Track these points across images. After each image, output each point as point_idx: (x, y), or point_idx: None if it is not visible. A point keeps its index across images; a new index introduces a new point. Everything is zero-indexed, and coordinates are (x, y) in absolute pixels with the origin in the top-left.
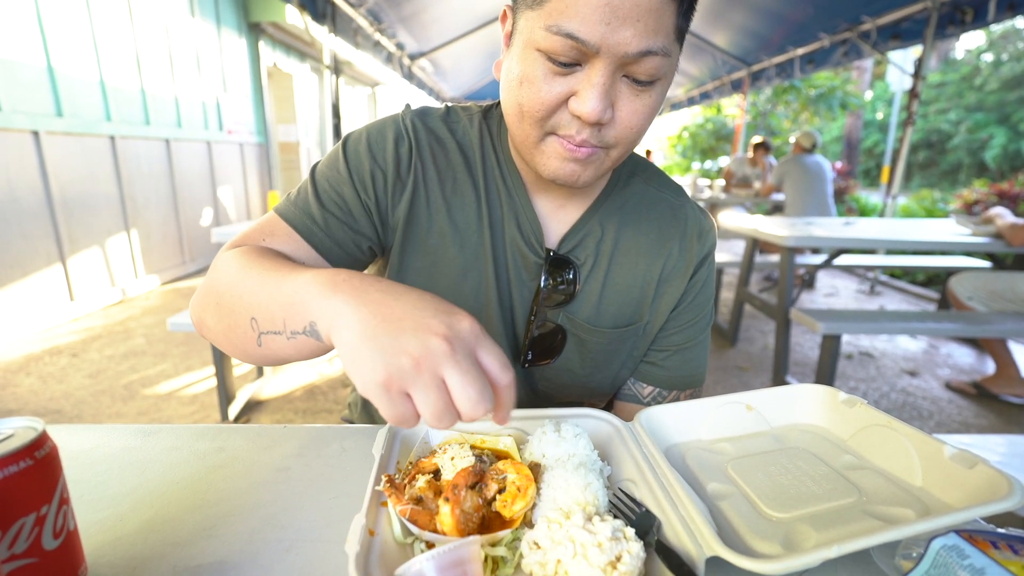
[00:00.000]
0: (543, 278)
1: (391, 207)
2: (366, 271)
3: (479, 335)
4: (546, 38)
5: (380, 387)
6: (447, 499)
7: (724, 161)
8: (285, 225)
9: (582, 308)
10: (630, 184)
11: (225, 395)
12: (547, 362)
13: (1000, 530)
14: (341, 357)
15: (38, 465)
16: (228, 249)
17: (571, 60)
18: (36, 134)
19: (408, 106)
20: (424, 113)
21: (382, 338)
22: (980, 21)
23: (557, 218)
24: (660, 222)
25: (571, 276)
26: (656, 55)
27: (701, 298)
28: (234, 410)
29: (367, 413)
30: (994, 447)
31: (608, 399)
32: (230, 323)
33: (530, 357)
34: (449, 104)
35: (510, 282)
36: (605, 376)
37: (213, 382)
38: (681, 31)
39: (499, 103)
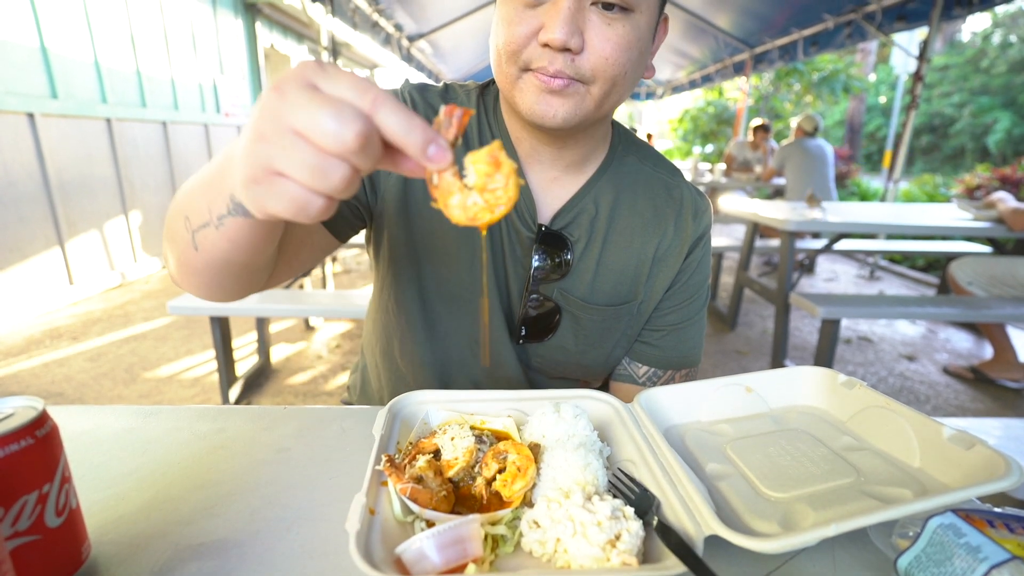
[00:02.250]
0: (536, 259)
1: (384, 176)
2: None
3: (318, 68)
4: None
5: (250, 183)
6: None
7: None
8: None
9: (576, 285)
10: (625, 163)
11: (226, 378)
12: (544, 339)
13: (996, 509)
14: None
15: (39, 444)
16: None
17: None
18: (31, 116)
19: (407, 80)
20: (423, 88)
21: (239, 148)
22: (987, 2)
23: (552, 193)
24: (655, 201)
25: (567, 257)
26: None
27: (697, 278)
28: (234, 393)
29: (365, 396)
30: (990, 430)
31: (603, 379)
32: (172, 237)
33: (524, 334)
34: (447, 83)
35: (504, 256)
36: (599, 354)
37: (213, 365)
38: None
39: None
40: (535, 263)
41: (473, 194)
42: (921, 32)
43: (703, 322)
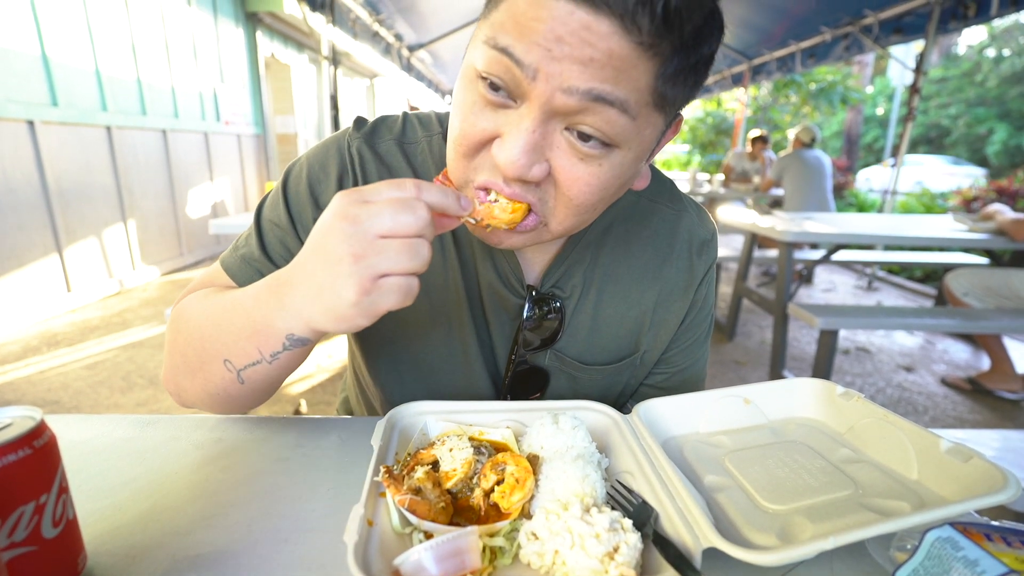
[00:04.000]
0: (525, 310)
1: None
2: None
3: (356, 192)
4: (483, 53)
5: (362, 296)
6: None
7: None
8: (231, 281)
9: (571, 345)
10: (619, 199)
11: None
12: (535, 398)
13: (994, 523)
14: (332, 332)
15: (37, 454)
16: (177, 305)
17: (505, 86)
18: (31, 124)
19: (359, 122)
20: (374, 133)
21: (330, 282)
22: (983, 16)
23: (538, 247)
24: (654, 240)
25: (557, 304)
26: (609, 105)
27: (702, 314)
28: None
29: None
30: (988, 442)
31: None
32: (204, 375)
33: (509, 399)
34: (407, 113)
35: (488, 324)
36: None
37: None
38: (663, 97)
39: None
40: (525, 319)
41: (502, 202)
42: (917, 45)
43: (707, 354)
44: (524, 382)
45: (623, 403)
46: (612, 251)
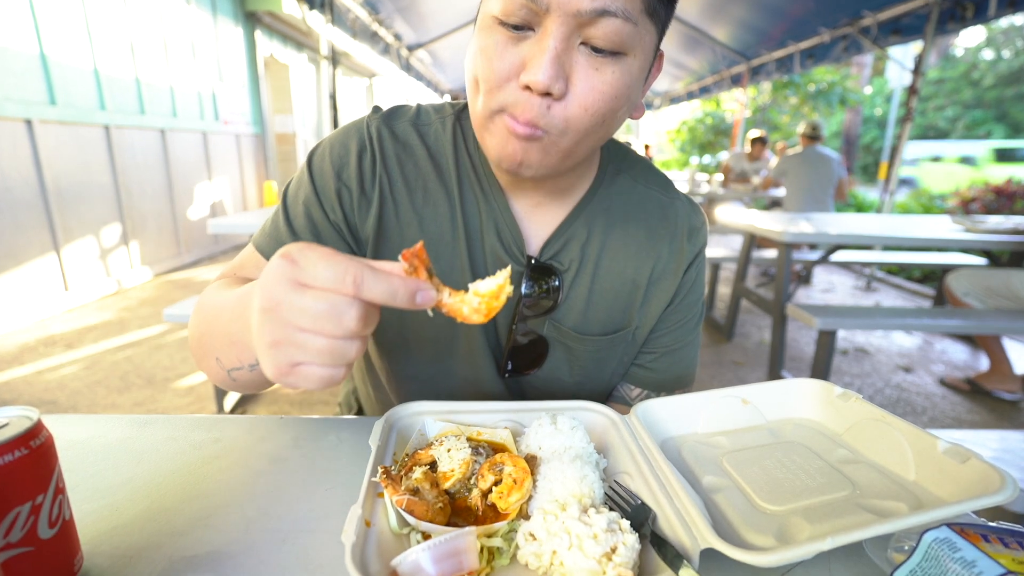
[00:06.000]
0: (524, 287)
1: (360, 223)
2: None
3: (292, 264)
4: (498, 1)
5: (278, 376)
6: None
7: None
8: (262, 259)
9: (568, 315)
10: (616, 182)
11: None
12: (532, 371)
13: (991, 524)
14: None
15: (33, 454)
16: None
17: (522, 22)
18: (29, 123)
19: (376, 108)
20: (392, 116)
21: (257, 349)
22: (981, 17)
23: (539, 220)
24: (648, 222)
25: (555, 283)
26: (615, 17)
27: (691, 297)
28: (230, 401)
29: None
30: (986, 442)
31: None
32: (207, 364)
33: (510, 368)
34: (420, 103)
35: None
36: (596, 384)
37: None
38: (654, 8)
39: None
40: (524, 296)
41: (475, 299)
42: (916, 46)
43: (698, 341)
44: (524, 352)
45: (616, 383)
46: (609, 228)
